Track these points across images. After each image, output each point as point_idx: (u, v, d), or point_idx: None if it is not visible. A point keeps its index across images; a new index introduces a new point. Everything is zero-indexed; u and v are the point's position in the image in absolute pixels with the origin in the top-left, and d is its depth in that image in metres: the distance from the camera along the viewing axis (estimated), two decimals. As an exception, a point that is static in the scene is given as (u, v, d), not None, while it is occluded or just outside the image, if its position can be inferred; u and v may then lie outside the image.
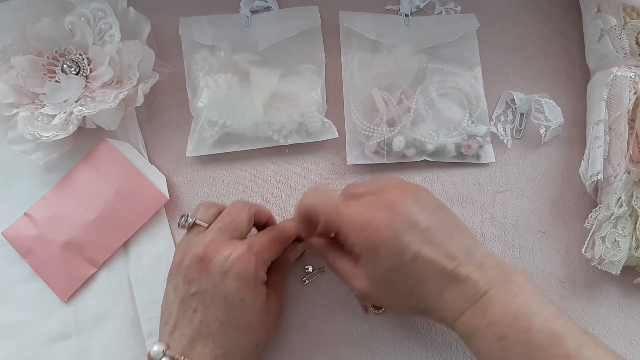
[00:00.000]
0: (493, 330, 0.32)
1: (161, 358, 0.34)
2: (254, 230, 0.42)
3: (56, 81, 0.46)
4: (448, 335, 0.44)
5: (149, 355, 0.35)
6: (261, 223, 0.42)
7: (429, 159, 0.48)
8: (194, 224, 0.39)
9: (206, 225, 0.39)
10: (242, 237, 0.39)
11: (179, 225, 0.39)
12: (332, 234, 0.40)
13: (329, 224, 0.36)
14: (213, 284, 0.35)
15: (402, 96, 0.48)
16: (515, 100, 0.49)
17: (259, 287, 0.37)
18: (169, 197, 0.46)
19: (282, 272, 0.42)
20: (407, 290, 0.35)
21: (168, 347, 0.35)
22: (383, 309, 0.43)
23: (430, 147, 0.47)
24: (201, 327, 0.35)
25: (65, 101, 0.45)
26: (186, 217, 0.39)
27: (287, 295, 0.45)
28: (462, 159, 0.48)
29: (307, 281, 0.45)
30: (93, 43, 0.46)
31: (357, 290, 0.37)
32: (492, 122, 0.50)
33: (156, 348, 0.35)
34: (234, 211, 0.39)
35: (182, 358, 0.34)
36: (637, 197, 0.42)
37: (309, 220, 0.38)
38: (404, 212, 0.34)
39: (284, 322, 0.44)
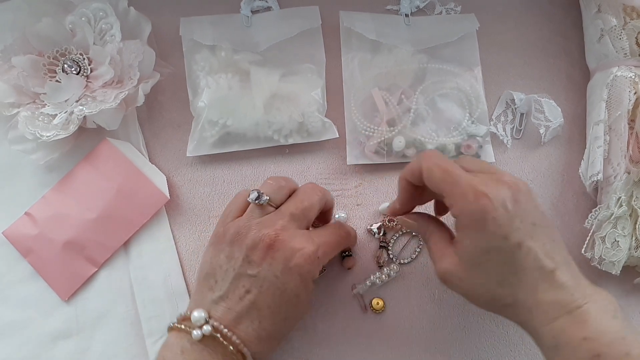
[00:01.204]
0: (589, 346, 0.30)
1: (203, 325, 0.34)
2: None
3: (57, 81, 0.46)
4: (448, 335, 0.44)
5: (182, 318, 0.35)
6: (323, 211, 0.41)
7: (429, 159, 0.48)
8: (268, 204, 0.38)
9: (276, 207, 0.38)
10: (308, 227, 0.39)
11: (249, 200, 0.38)
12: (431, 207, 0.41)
13: (441, 185, 0.34)
14: (275, 273, 0.35)
15: (402, 96, 0.48)
16: (515, 100, 0.49)
17: (312, 285, 0.37)
18: (169, 197, 0.46)
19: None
20: (499, 277, 0.33)
21: (210, 316, 0.35)
22: (383, 309, 0.43)
23: (430, 147, 0.47)
24: (251, 308, 0.35)
25: (66, 101, 0.45)
26: (259, 195, 0.37)
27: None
28: (462, 159, 0.48)
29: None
30: (94, 43, 0.46)
31: (443, 270, 0.36)
32: (492, 122, 0.50)
33: (197, 314, 0.34)
34: (307, 198, 0.38)
35: (228, 332, 0.34)
36: (637, 197, 0.43)
37: (415, 182, 0.37)
38: (519, 199, 0.33)
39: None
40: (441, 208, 0.42)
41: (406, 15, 0.52)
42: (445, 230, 0.38)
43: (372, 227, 0.46)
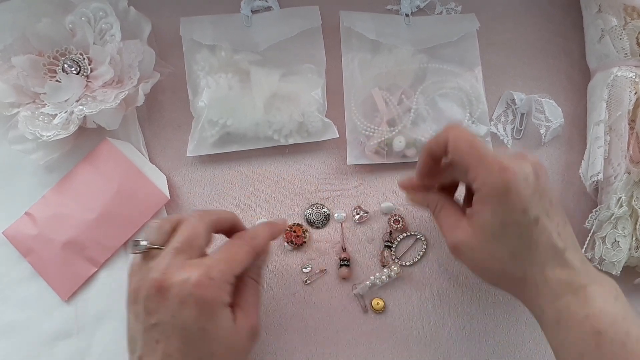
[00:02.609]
0: (590, 323, 0.32)
1: None
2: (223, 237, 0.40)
3: (57, 81, 0.46)
4: (448, 335, 0.44)
5: None
6: (225, 229, 0.39)
7: (429, 159, 0.48)
8: (148, 249, 0.35)
9: (162, 247, 0.35)
10: (203, 254, 0.36)
11: (132, 252, 0.35)
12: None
13: (466, 157, 0.35)
14: (172, 314, 0.33)
15: (403, 96, 0.48)
16: (516, 101, 0.49)
17: (221, 313, 0.34)
18: (169, 197, 0.46)
19: (255, 288, 0.38)
20: (514, 250, 0.34)
21: None
22: (383, 310, 0.43)
23: (430, 147, 0.47)
24: (164, 358, 0.33)
25: (66, 101, 0.45)
26: (137, 242, 0.35)
27: (287, 295, 0.45)
28: (463, 159, 0.48)
29: (308, 281, 0.45)
30: (94, 43, 0.46)
31: (456, 241, 0.36)
32: (492, 122, 0.50)
33: None
34: (188, 227, 0.36)
35: None
36: (637, 197, 0.42)
37: (439, 153, 0.37)
38: (539, 176, 0.34)
39: (284, 322, 0.44)
40: (452, 191, 0.42)
41: (406, 15, 0.52)
42: (455, 204, 0.39)
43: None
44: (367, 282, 0.44)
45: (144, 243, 0.35)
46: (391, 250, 0.46)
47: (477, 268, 0.38)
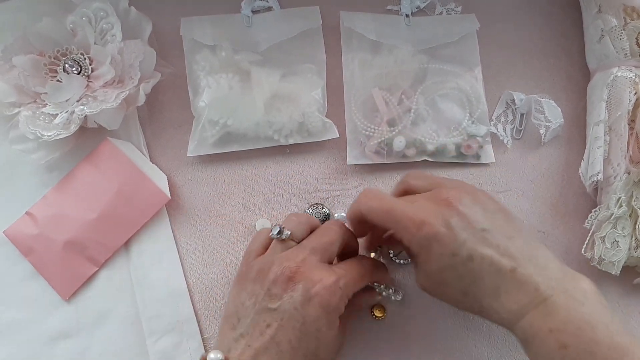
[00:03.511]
0: (555, 337, 0.31)
1: None
2: None
3: (58, 81, 0.46)
4: (448, 335, 0.44)
5: (201, 359, 0.34)
6: (346, 250, 0.41)
7: (430, 159, 0.48)
8: (289, 239, 0.38)
9: (298, 242, 0.38)
10: (331, 261, 0.38)
11: (271, 235, 0.38)
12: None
13: (385, 225, 0.36)
14: (295, 306, 0.34)
15: (403, 96, 0.48)
16: (516, 101, 0.49)
17: (335, 320, 0.36)
18: (170, 197, 0.47)
19: (354, 308, 0.40)
20: (461, 289, 0.34)
21: (227, 359, 0.34)
22: (384, 316, 0.43)
23: (430, 147, 0.47)
24: (270, 344, 0.34)
25: (66, 100, 0.45)
26: (281, 230, 0.37)
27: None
28: (462, 159, 0.48)
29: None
30: (95, 43, 0.46)
31: (418, 285, 0.37)
32: (492, 123, 0.50)
33: (213, 355, 0.34)
34: (329, 233, 0.38)
35: None
36: (636, 197, 0.43)
37: (362, 222, 0.38)
38: (461, 211, 0.34)
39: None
40: None
41: (407, 15, 0.52)
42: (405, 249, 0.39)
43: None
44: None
45: (287, 232, 0.38)
46: (386, 248, 0.46)
47: (445, 303, 0.38)
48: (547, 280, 0.32)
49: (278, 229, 0.37)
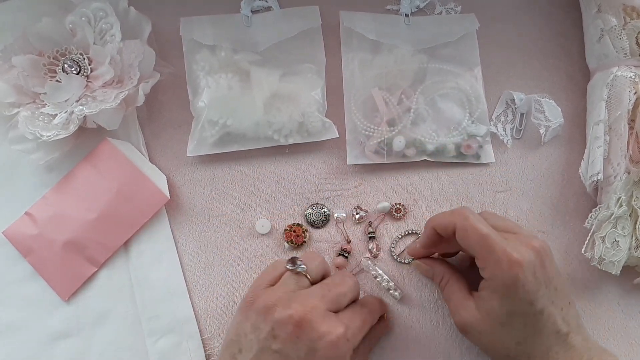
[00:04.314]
0: None
1: None
2: None
3: (57, 81, 0.46)
4: (448, 335, 0.44)
5: None
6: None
7: (429, 159, 0.48)
8: (304, 275, 0.38)
9: (311, 280, 0.38)
10: (338, 312, 0.37)
11: (286, 266, 0.38)
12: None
13: (476, 249, 0.36)
14: (298, 354, 0.34)
15: (403, 96, 0.48)
16: (515, 100, 0.49)
17: None
18: (169, 197, 0.46)
19: (366, 352, 0.41)
20: (518, 337, 0.36)
21: None
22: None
23: (430, 147, 0.47)
24: None
25: (66, 101, 0.45)
26: (297, 263, 0.37)
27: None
28: (462, 159, 0.48)
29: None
30: (94, 43, 0.46)
31: (463, 322, 0.38)
32: (492, 122, 0.50)
33: None
34: (345, 284, 0.38)
35: None
36: (637, 197, 0.43)
37: (444, 234, 0.38)
38: (546, 265, 0.36)
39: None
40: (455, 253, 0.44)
41: (406, 15, 0.52)
42: (462, 279, 0.40)
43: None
44: (372, 269, 0.44)
45: (303, 266, 0.37)
46: (375, 240, 0.46)
47: (483, 348, 0.39)
48: (590, 351, 0.36)
49: (294, 262, 0.37)
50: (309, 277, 0.38)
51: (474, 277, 0.38)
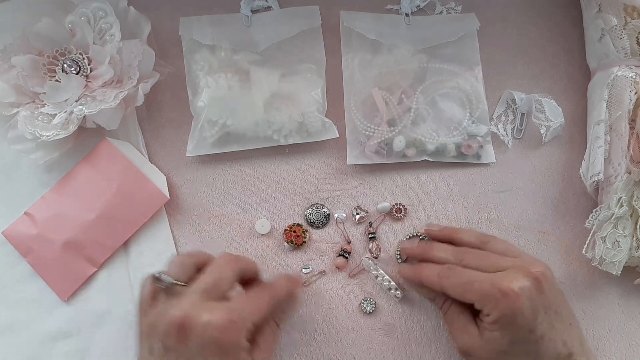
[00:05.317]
0: None
1: None
2: None
3: (56, 81, 0.46)
4: (449, 336, 0.44)
5: None
6: (246, 279, 0.40)
7: (430, 159, 0.48)
8: (172, 284, 0.35)
9: (185, 284, 0.36)
10: (226, 298, 0.36)
11: (153, 286, 0.36)
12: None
13: (467, 297, 0.37)
14: (191, 355, 0.33)
15: (403, 96, 0.48)
16: (516, 100, 0.49)
17: (241, 355, 0.34)
18: (169, 197, 0.46)
19: (274, 331, 0.39)
20: None
21: None
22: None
23: (430, 147, 0.47)
24: None
25: (65, 101, 0.45)
26: (159, 275, 0.35)
27: (287, 295, 0.45)
28: (463, 159, 0.48)
29: (307, 283, 0.45)
30: (93, 42, 0.46)
31: (465, 348, 0.38)
32: (492, 122, 0.49)
33: None
34: (218, 269, 0.37)
35: None
36: (637, 197, 0.42)
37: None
38: (545, 291, 0.36)
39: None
40: None
41: (406, 14, 0.52)
42: (463, 304, 0.39)
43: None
44: (373, 269, 0.44)
45: (168, 278, 0.35)
46: (376, 241, 0.46)
47: None
48: None
49: (154, 277, 0.35)
50: (181, 283, 0.36)
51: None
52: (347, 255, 0.45)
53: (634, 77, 0.45)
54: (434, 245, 0.43)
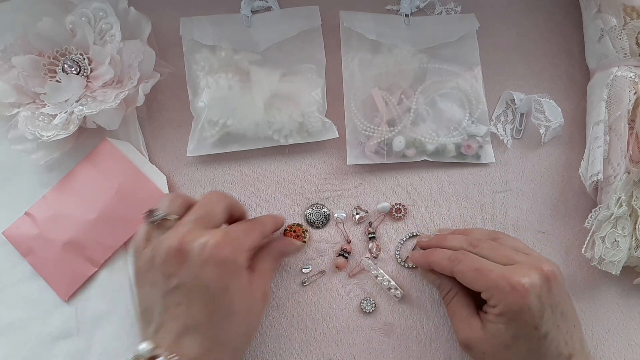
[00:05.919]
0: None
1: (147, 358, 0.32)
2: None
3: (57, 81, 0.46)
4: (449, 334, 0.44)
5: (134, 358, 0.33)
6: (234, 218, 0.41)
7: (429, 159, 0.48)
8: (164, 219, 0.37)
9: (177, 217, 0.37)
10: (217, 227, 0.37)
11: (148, 222, 0.37)
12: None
13: (476, 285, 0.37)
14: (193, 275, 0.34)
15: (403, 96, 0.48)
16: (515, 100, 0.49)
17: (240, 273, 0.35)
18: (169, 197, 0.46)
19: (271, 262, 0.41)
20: (522, 359, 0.36)
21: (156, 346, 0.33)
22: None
23: (430, 147, 0.47)
24: (187, 320, 0.34)
25: (66, 101, 0.45)
26: (152, 211, 0.37)
27: (287, 296, 0.45)
28: (462, 159, 0.48)
29: (307, 283, 0.45)
30: (94, 43, 0.46)
31: (468, 340, 0.38)
32: (492, 122, 0.50)
33: (144, 345, 0.32)
34: (209, 202, 0.38)
35: (171, 355, 0.32)
36: (637, 197, 0.42)
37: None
38: (552, 289, 0.36)
39: (284, 322, 0.44)
40: None
41: (406, 15, 0.52)
42: (468, 295, 0.40)
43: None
44: (373, 269, 0.44)
45: (160, 212, 0.36)
46: (375, 241, 0.46)
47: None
48: None
49: (148, 214, 0.36)
50: (171, 218, 0.37)
51: (479, 294, 0.38)
52: (346, 255, 0.45)
53: (633, 77, 0.45)
54: (448, 235, 0.43)
